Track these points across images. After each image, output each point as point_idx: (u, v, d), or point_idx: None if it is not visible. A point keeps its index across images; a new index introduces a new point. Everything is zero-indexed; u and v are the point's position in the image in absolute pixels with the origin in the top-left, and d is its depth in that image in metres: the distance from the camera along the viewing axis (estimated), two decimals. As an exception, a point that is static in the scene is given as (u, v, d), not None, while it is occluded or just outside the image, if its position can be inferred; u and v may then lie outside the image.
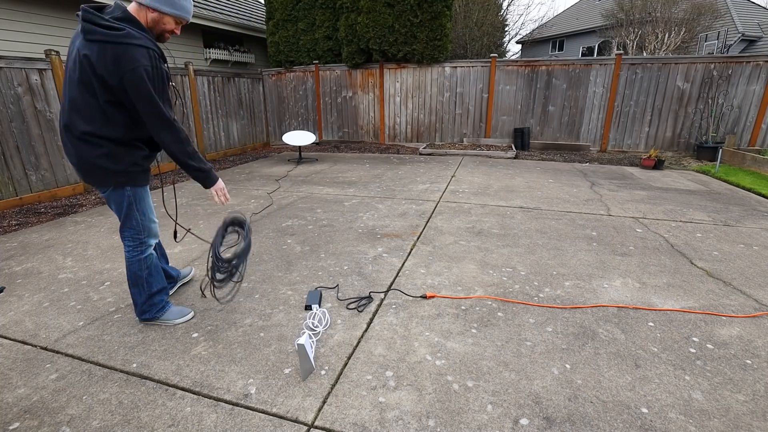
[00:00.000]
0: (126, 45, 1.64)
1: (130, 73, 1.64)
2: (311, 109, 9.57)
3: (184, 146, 1.86)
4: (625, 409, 1.61)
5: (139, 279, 2.10)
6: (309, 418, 1.59)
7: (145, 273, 2.10)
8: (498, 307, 2.38)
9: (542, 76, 7.90)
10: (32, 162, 4.82)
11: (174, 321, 2.21)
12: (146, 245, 2.09)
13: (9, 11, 5.52)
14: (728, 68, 6.90)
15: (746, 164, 6.18)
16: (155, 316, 2.19)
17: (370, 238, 3.49)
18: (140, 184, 1.98)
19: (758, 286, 2.59)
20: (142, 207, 2.03)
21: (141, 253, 2.08)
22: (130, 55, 1.64)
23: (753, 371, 1.82)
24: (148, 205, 2.06)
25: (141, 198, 2.01)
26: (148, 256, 2.10)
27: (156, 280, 2.16)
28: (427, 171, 6.30)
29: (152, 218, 2.11)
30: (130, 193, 1.96)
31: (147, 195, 2.06)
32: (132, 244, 2.06)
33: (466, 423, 1.56)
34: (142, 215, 2.03)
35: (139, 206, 2.01)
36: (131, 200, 1.98)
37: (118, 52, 1.63)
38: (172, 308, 2.24)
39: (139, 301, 2.15)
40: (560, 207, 4.30)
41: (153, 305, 2.17)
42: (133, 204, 1.99)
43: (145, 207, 2.04)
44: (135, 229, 2.04)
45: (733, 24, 14.82)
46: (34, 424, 1.58)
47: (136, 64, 1.64)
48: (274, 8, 9.17)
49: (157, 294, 2.18)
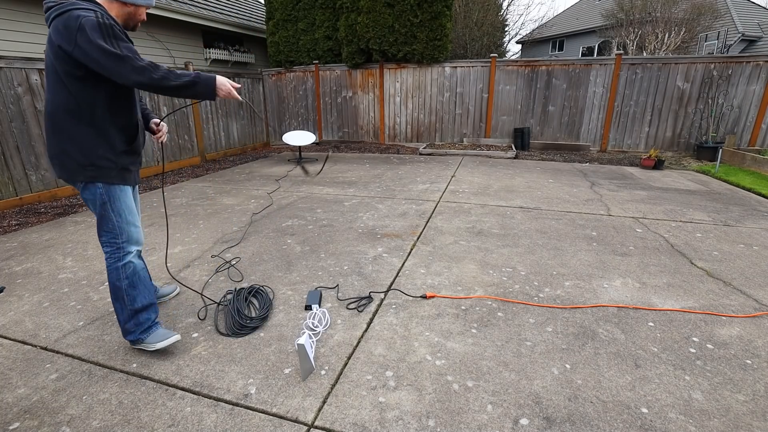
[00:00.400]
0: (71, 9, 1.60)
1: (80, 28, 1.56)
2: (311, 109, 9.57)
3: (153, 74, 1.63)
4: (625, 409, 1.61)
5: (118, 291, 1.89)
6: (309, 418, 1.59)
7: (125, 284, 1.88)
8: (498, 307, 2.38)
9: (542, 76, 7.90)
10: (32, 162, 4.82)
11: (155, 345, 1.93)
12: (124, 251, 1.89)
13: (9, 11, 5.52)
14: (728, 68, 6.90)
15: (746, 164, 6.18)
16: (139, 338, 1.94)
17: (370, 238, 3.49)
18: (114, 182, 1.82)
19: (758, 286, 2.59)
20: (118, 207, 1.85)
21: (118, 260, 1.88)
22: (76, 13, 1.58)
23: (753, 371, 1.82)
24: (126, 207, 1.88)
25: (116, 197, 1.84)
26: (126, 263, 1.89)
27: (140, 294, 1.93)
28: (427, 171, 6.30)
29: (131, 221, 1.91)
30: (102, 190, 1.80)
31: (125, 195, 1.88)
32: (109, 250, 1.88)
33: (466, 423, 1.56)
34: (118, 216, 1.85)
35: (114, 206, 1.84)
36: (104, 198, 1.82)
37: (66, 16, 1.58)
38: (155, 330, 1.98)
39: (121, 318, 1.93)
40: (560, 207, 4.30)
41: (138, 324, 1.93)
42: (107, 203, 1.82)
43: (121, 207, 1.86)
44: (111, 232, 1.86)
45: (733, 24, 14.82)
46: (34, 424, 1.58)
47: (84, 17, 1.57)
48: (274, 8, 9.17)
49: (143, 311, 1.94)
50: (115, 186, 1.84)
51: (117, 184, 1.84)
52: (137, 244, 1.95)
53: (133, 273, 1.91)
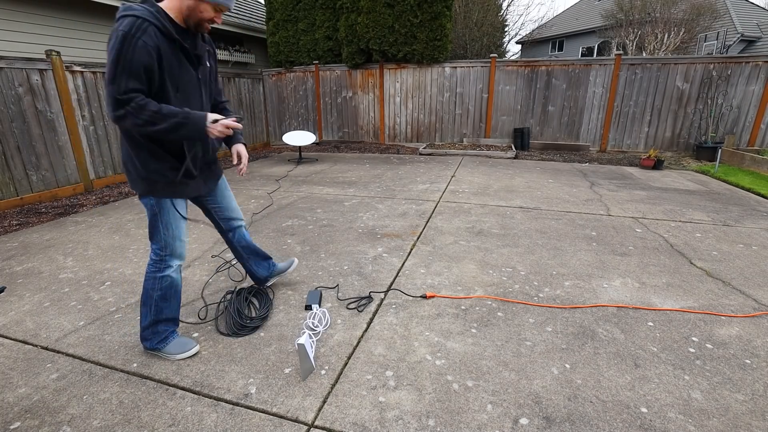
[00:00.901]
0: (119, 18, 1.52)
1: (109, 38, 1.50)
2: (311, 109, 9.57)
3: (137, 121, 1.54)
4: (624, 409, 1.62)
5: (149, 299, 1.90)
6: (309, 418, 1.60)
7: (157, 294, 1.89)
8: (498, 307, 2.38)
9: (542, 77, 7.90)
10: (33, 162, 4.82)
11: (175, 356, 1.94)
12: (165, 264, 1.89)
13: (9, 11, 5.53)
14: (727, 68, 6.91)
15: (745, 164, 6.19)
16: (156, 347, 1.95)
17: (370, 238, 3.50)
18: (163, 195, 1.80)
19: (757, 286, 2.60)
20: (167, 220, 1.84)
21: (158, 270, 1.88)
22: (118, 23, 1.50)
23: (752, 371, 1.83)
24: (174, 220, 1.86)
25: (166, 209, 1.83)
26: (165, 276, 1.89)
27: (168, 307, 1.93)
28: (427, 171, 6.30)
29: (177, 235, 1.88)
30: (153, 201, 1.80)
31: (178, 206, 1.86)
32: (153, 259, 1.89)
33: (466, 423, 1.57)
34: (166, 229, 1.85)
35: (163, 218, 1.83)
36: (155, 210, 1.82)
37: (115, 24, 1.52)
38: (176, 339, 1.99)
39: (143, 323, 1.93)
40: (560, 207, 4.31)
41: (156, 333, 1.94)
42: (158, 215, 1.82)
43: (169, 220, 1.84)
44: (158, 243, 1.87)
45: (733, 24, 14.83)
46: (35, 424, 1.59)
47: (117, 29, 1.49)
48: (274, 8, 9.18)
49: (164, 322, 1.94)
50: (166, 199, 1.82)
51: (168, 198, 1.82)
52: (179, 258, 1.93)
53: (169, 286, 1.92)
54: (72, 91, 5.22)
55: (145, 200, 1.81)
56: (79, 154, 5.33)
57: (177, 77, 1.66)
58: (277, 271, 2.53)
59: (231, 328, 2.17)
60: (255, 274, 2.44)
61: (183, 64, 1.67)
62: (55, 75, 4.98)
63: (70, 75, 5.19)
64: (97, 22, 6.60)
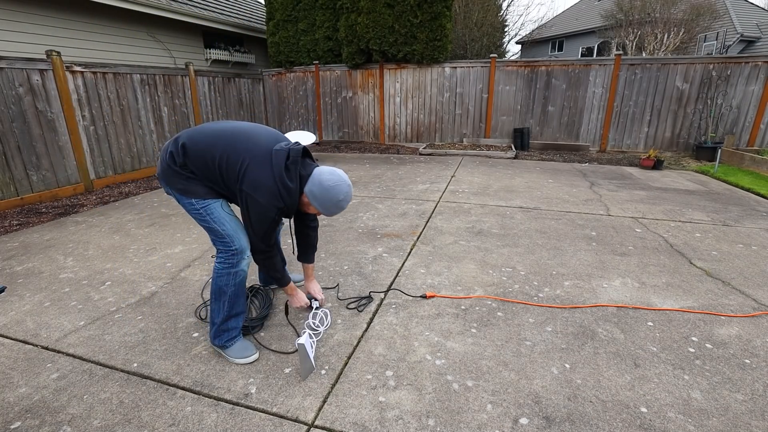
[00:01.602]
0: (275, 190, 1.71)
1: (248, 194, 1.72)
2: (311, 110, 9.58)
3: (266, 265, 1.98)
4: (624, 409, 1.62)
5: (222, 295, 1.89)
6: (309, 418, 1.60)
7: (231, 290, 1.89)
8: (498, 306, 2.39)
9: (542, 77, 7.91)
10: (33, 162, 4.82)
11: (235, 359, 1.93)
12: (239, 257, 1.88)
13: (9, 11, 5.53)
14: (727, 69, 6.91)
15: (745, 164, 6.19)
16: (225, 345, 1.95)
17: (370, 238, 3.50)
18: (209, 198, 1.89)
19: (757, 286, 2.60)
20: (218, 215, 1.88)
21: (231, 266, 1.87)
22: (261, 194, 1.70)
23: (752, 371, 1.83)
24: (227, 213, 1.90)
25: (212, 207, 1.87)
26: (239, 271, 1.89)
27: (238, 302, 1.94)
28: (427, 171, 6.31)
29: (236, 227, 1.89)
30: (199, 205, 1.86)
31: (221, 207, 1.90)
32: (223, 257, 1.88)
33: (466, 422, 1.57)
34: (222, 224, 1.87)
35: (214, 215, 1.87)
36: (201, 212, 1.87)
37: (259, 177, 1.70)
38: (239, 342, 1.98)
39: (216, 320, 1.92)
40: (560, 207, 4.31)
41: (226, 331, 1.94)
42: (206, 216, 1.86)
43: (222, 215, 1.88)
44: (222, 239, 1.87)
45: (732, 24, 14.84)
46: (36, 424, 1.59)
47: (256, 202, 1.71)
48: (274, 9, 9.18)
49: (234, 318, 1.95)
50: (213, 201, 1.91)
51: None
52: (248, 249, 1.93)
53: (242, 282, 1.93)
54: (72, 91, 5.22)
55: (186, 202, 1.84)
56: (80, 154, 5.33)
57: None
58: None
59: None
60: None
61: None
62: (55, 75, 4.98)
63: (71, 75, 5.19)
64: (98, 22, 6.61)
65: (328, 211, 1.83)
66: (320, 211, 1.85)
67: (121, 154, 5.98)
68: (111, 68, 5.72)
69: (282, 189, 1.70)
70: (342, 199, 1.79)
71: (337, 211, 1.85)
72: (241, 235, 1.88)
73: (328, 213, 1.84)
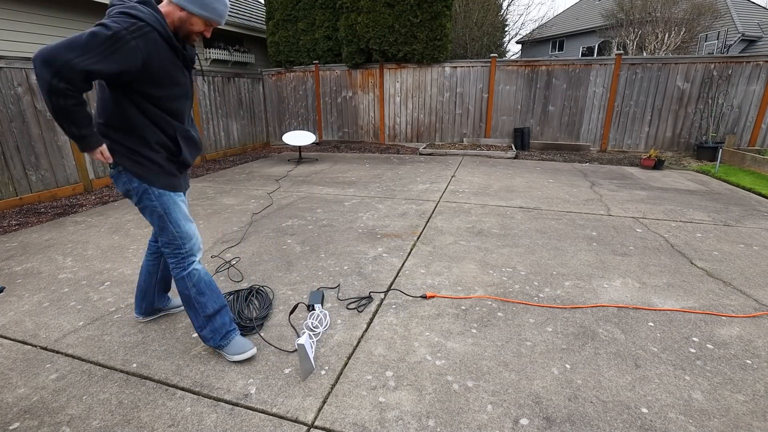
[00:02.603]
0: (119, 13, 1.50)
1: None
2: (311, 109, 9.57)
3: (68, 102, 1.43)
4: (625, 409, 1.61)
5: (188, 299, 1.88)
6: (309, 418, 1.59)
7: (193, 292, 1.87)
8: (498, 307, 2.38)
9: (542, 76, 7.90)
10: (32, 162, 4.82)
11: (232, 357, 1.91)
12: (187, 261, 1.86)
13: (9, 11, 5.53)
14: (728, 68, 6.90)
15: (746, 164, 6.18)
16: (219, 345, 1.92)
17: (370, 238, 3.49)
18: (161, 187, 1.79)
19: (758, 286, 2.59)
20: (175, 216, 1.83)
21: (183, 269, 1.86)
22: (109, 20, 1.47)
23: (753, 371, 1.82)
24: (182, 215, 1.85)
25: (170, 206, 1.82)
26: (190, 272, 1.86)
27: (209, 300, 1.89)
28: (427, 171, 6.30)
29: (189, 231, 1.86)
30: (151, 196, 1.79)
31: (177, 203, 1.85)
32: (173, 261, 1.86)
33: (466, 423, 1.56)
34: (176, 227, 1.83)
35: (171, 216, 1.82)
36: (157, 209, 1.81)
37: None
38: (236, 339, 1.95)
39: (196, 325, 1.92)
40: (560, 207, 4.30)
41: (215, 331, 1.90)
42: (164, 216, 1.81)
43: (178, 216, 1.84)
44: (173, 243, 1.83)
45: (733, 24, 14.82)
46: (34, 424, 1.58)
47: (105, 25, 1.45)
48: (274, 8, 9.17)
49: (216, 315, 1.90)
50: (167, 194, 1.81)
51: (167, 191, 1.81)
52: (199, 251, 1.91)
53: (199, 280, 1.88)
54: (72, 90, 5.21)
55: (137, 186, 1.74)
56: (79, 154, 5.32)
57: (176, 83, 1.70)
58: (171, 306, 2.36)
59: None
60: (152, 298, 2.23)
61: (181, 70, 1.72)
62: (54, 75, 4.96)
63: (70, 75, 5.18)
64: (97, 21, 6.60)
65: (217, 13, 1.64)
66: (209, 16, 1.62)
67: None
68: (111, 68, 5.70)
69: (130, 8, 1.51)
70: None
71: (226, 11, 1.67)
72: (192, 232, 1.86)
73: (218, 15, 1.65)
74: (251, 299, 2.43)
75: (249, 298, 2.44)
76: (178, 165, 1.85)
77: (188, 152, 1.85)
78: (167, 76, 1.65)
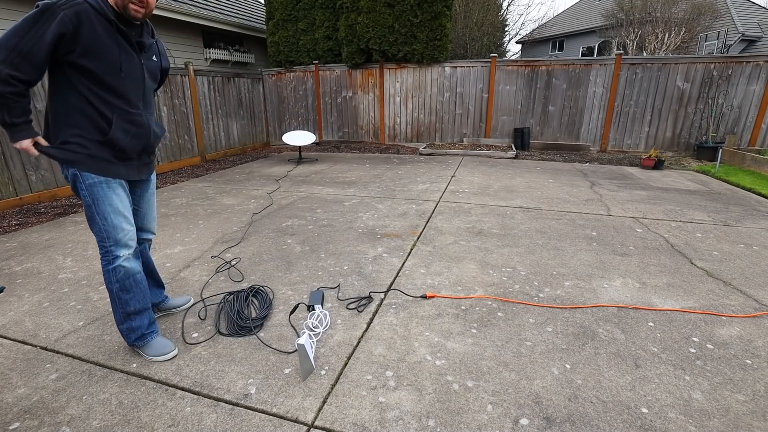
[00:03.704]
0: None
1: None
2: (311, 109, 9.57)
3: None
4: (625, 409, 1.61)
5: (111, 293, 1.86)
6: (309, 418, 1.59)
7: (116, 287, 1.83)
8: (498, 307, 2.38)
9: (542, 76, 7.90)
10: (32, 162, 4.82)
11: (152, 358, 1.92)
12: (112, 255, 1.80)
13: (9, 11, 5.53)
14: (728, 68, 6.90)
15: (746, 164, 6.18)
16: (135, 344, 1.94)
17: (370, 238, 3.49)
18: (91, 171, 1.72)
19: (758, 286, 2.59)
20: (102, 208, 1.77)
21: (108, 263, 1.82)
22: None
23: (753, 371, 1.82)
24: (112, 206, 1.78)
25: (99, 195, 1.76)
26: (116, 267, 1.81)
27: (132, 299, 1.87)
28: (427, 171, 6.30)
29: (117, 224, 1.79)
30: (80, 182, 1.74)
31: (109, 193, 1.77)
32: (100, 252, 1.82)
33: (466, 423, 1.56)
34: (103, 219, 1.77)
35: (99, 207, 1.76)
36: (87, 198, 1.76)
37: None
38: (155, 340, 1.96)
39: (116, 318, 1.91)
40: (560, 207, 4.30)
41: (131, 330, 1.90)
42: (91, 205, 1.76)
43: (105, 208, 1.77)
44: (98, 235, 1.79)
45: (733, 24, 14.82)
46: (34, 424, 1.58)
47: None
48: (274, 8, 9.18)
49: (135, 315, 1.90)
50: (98, 182, 1.74)
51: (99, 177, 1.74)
52: (125, 247, 1.82)
53: (125, 276, 1.83)
54: (72, 90, 5.21)
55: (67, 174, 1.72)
56: (79, 154, 5.32)
57: (115, 58, 1.66)
58: (169, 305, 2.33)
59: (231, 329, 2.17)
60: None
61: (123, 48, 1.68)
62: (54, 75, 4.97)
63: (70, 75, 5.18)
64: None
65: None
66: None
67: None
68: (111, 68, 5.71)
69: None
70: None
71: None
72: (119, 228, 1.79)
73: None
74: (251, 299, 2.44)
75: (249, 298, 2.44)
76: (112, 149, 1.73)
77: (124, 136, 1.74)
78: (99, 45, 1.61)
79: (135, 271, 1.88)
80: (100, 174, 1.74)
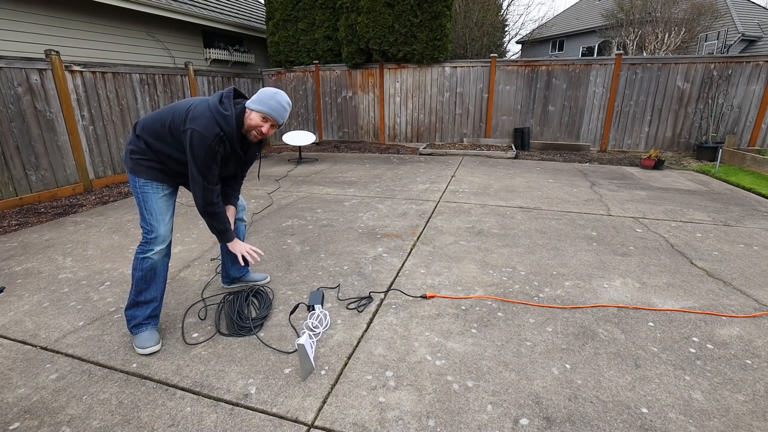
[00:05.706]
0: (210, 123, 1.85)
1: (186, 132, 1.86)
2: (311, 109, 9.57)
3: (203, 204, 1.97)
4: (625, 409, 1.61)
5: (133, 279, 2.02)
6: (309, 418, 1.59)
7: (138, 274, 2.01)
8: (498, 307, 2.38)
9: (542, 76, 7.90)
10: (32, 162, 4.82)
11: (137, 349, 2.00)
12: (149, 246, 2.01)
13: (9, 11, 5.52)
14: (728, 68, 6.90)
15: (746, 164, 6.18)
16: (131, 332, 2.06)
17: (370, 238, 3.49)
18: (148, 177, 2.01)
19: (758, 286, 2.59)
20: (150, 204, 2.04)
21: (142, 252, 2.01)
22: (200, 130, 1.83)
23: (753, 371, 1.82)
24: (158, 204, 2.04)
25: (149, 193, 2.03)
26: (146, 258, 2.01)
27: (147, 289, 2.03)
28: (427, 171, 6.30)
29: (161, 219, 2.03)
30: (138, 183, 2.02)
31: (158, 193, 2.04)
32: (141, 241, 2.04)
33: (466, 423, 1.56)
34: (149, 213, 2.03)
35: (148, 203, 2.04)
36: (138, 194, 2.03)
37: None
38: (146, 332, 2.03)
39: (128, 300, 2.06)
40: (560, 207, 4.30)
41: (133, 317, 2.04)
42: (142, 201, 2.03)
43: (153, 204, 2.04)
44: (145, 226, 2.02)
45: (733, 24, 14.82)
46: (34, 424, 1.58)
47: (199, 134, 1.83)
48: (274, 8, 9.17)
49: (143, 305, 2.03)
50: (151, 182, 2.01)
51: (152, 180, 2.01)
52: (162, 243, 2.03)
53: (150, 268, 2.02)
54: (71, 90, 5.22)
55: (132, 180, 2.01)
56: (79, 154, 5.33)
57: (225, 164, 2.03)
58: (249, 279, 2.65)
59: (231, 329, 2.17)
60: (228, 270, 2.56)
61: (231, 157, 2.03)
62: (54, 75, 4.97)
63: (70, 75, 5.19)
64: (97, 21, 6.60)
65: (271, 107, 1.92)
66: (264, 110, 1.91)
67: (120, 154, 5.97)
68: (110, 68, 5.71)
69: (218, 116, 1.85)
70: (282, 97, 1.95)
71: (282, 110, 1.95)
72: (161, 225, 2.02)
73: (272, 110, 1.92)
74: (251, 299, 2.43)
75: (249, 298, 2.44)
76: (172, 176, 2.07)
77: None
78: (223, 163, 2.00)
79: (160, 266, 2.07)
80: (153, 180, 2.04)
